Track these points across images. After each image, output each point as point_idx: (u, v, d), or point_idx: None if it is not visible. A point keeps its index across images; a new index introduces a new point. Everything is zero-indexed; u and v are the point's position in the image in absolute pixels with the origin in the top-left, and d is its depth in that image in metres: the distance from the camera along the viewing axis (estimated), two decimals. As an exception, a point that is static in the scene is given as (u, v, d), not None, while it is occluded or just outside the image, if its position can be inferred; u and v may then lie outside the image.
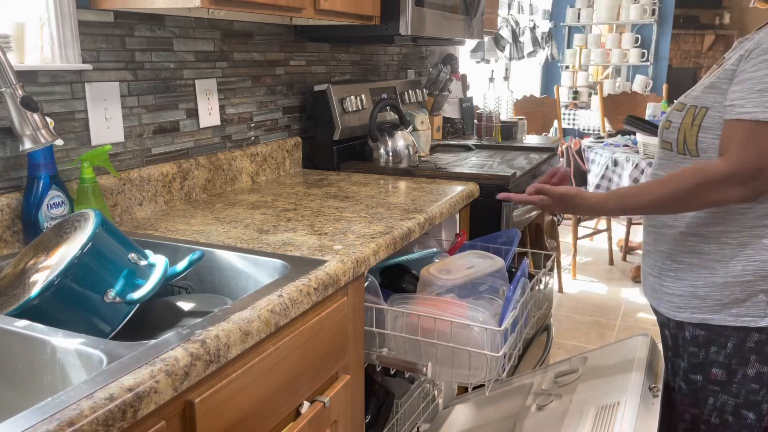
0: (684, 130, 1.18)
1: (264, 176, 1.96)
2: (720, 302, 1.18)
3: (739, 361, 1.19)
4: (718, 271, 1.17)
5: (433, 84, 2.82)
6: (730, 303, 1.17)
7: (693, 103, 1.18)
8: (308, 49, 2.17)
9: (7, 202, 1.23)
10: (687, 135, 1.17)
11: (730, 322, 1.17)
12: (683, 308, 1.22)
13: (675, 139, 1.19)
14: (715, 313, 1.18)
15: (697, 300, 1.20)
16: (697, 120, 1.16)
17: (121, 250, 1.04)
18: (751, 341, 1.17)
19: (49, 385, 0.84)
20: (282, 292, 1.00)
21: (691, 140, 1.16)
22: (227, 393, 0.87)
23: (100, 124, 1.43)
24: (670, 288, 1.24)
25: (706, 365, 1.22)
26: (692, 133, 1.16)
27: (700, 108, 1.16)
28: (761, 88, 1.05)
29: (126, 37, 1.48)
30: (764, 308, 1.15)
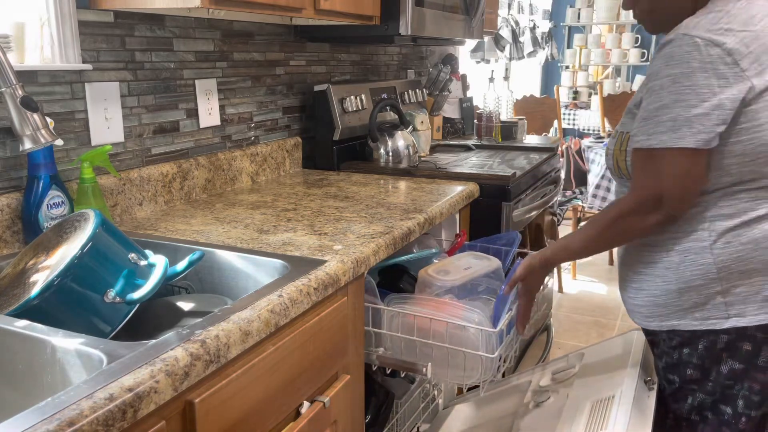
0: (615, 156, 1.21)
1: (264, 176, 1.96)
2: (681, 308, 1.19)
3: (711, 360, 1.20)
4: (671, 278, 1.19)
5: (433, 84, 2.82)
6: (691, 308, 1.18)
7: (620, 129, 1.22)
8: (308, 49, 2.17)
9: (7, 202, 1.23)
10: (618, 160, 1.21)
11: (696, 326, 1.18)
12: (651, 317, 1.23)
13: (611, 164, 1.24)
14: (680, 318, 1.19)
15: (660, 308, 1.21)
16: (623, 145, 1.19)
17: (121, 250, 1.04)
18: (721, 342, 1.18)
19: (49, 385, 0.84)
20: (282, 292, 1.00)
21: (622, 165, 1.20)
22: (227, 393, 0.87)
23: (100, 124, 1.43)
24: (635, 299, 1.26)
25: (680, 366, 1.23)
26: (621, 158, 1.20)
27: (624, 133, 1.20)
28: (645, 116, 1.10)
29: (126, 37, 1.48)
30: (725, 309, 1.16)
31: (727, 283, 1.15)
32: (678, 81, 1.06)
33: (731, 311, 1.15)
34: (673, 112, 1.06)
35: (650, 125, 1.09)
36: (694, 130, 1.05)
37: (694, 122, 1.05)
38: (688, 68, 1.05)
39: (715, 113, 1.05)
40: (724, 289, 1.15)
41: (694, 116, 1.05)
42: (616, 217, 1.16)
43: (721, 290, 1.15)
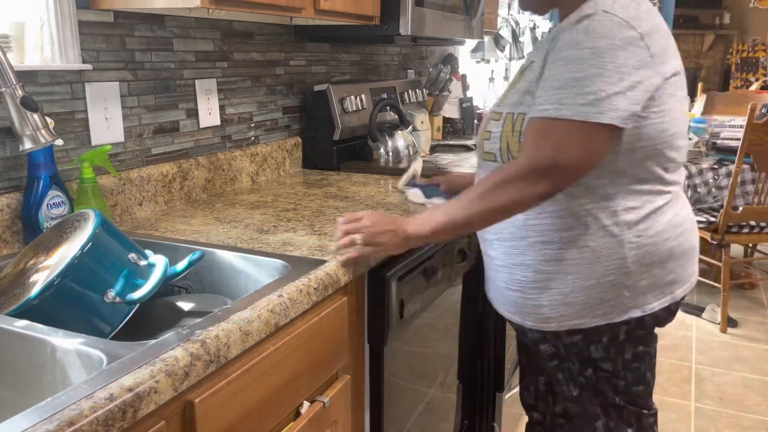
0: (506, 138, 1.17)
1: (264, 176, 1.96)
2: (587, 305, 1.18)
3: (616, 351, 1.23)
4: (583, 274, 1.16)
5: (433, 84, 2.82)
6: (596, 304, 1.17)
7: (510, 111, 1.18)
8: (308, 49, 2.16)
9: (7, 202, 1.23)
10: (510, 142, 1.16)
11: (598, 322, 1.19)
12: (552, 318, 1.21)
13: (498, 148, 1.18)
14: (583, 317, 1.19)
15: (565, 307, 1.19)
16: (516, 126, 1.15)
17: (121, 250, 1.04)
18: (622, 333, 1.21)
19: (49, 385, 0.84)
20: (282, 292, 1.00)
21: (513, 147, 1.15)
22: (227, 393, 0.87)
23: (100, 124, 1.43)
24: (537, 300, 1.21)
25: (591, 361, 1.25)
26: (514, 139, 1.15)
27: (518, 114, 1.16)
28: (559, 85, 1.06)
29: (126, 37, 1.48)
30: (626, 302, 1.18)
31: (635, 277, 1.17)
32: (601, 55, 1.04)
33: (630, 304, 1.18)
34: (595, 86, 1.03)
35: (566, 95, 1.05)
36: (615, 107, 1.03)
37: (615, 99, 1.03)
38: (612, 44, 1.04)
39: (634, 93, 1.05)
40: (632, 283, 1.17)
41: (615, 93, 1.03)
42: (499, 182, 1.09)
43: (629, 284, 1.17)
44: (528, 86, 1.16)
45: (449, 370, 1.78)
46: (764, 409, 2.51)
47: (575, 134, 1.05)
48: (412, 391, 1.55)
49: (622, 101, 1.03)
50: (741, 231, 3.09)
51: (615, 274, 1.16)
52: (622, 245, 1.15)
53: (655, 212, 1.16)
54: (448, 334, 1.75)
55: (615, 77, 1.03)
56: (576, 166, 1.06)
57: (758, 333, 3.18)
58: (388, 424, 1.39)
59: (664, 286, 1.20)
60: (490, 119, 1.22)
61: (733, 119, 3.93)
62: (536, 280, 1.20)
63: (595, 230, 1.15)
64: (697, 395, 2.60)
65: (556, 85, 1.06)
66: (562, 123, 1.05)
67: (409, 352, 1.49)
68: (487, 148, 1.21)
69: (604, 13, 1.06)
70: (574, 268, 1.17)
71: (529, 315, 1.24)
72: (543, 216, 1.17)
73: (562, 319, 1.20)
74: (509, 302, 1.27)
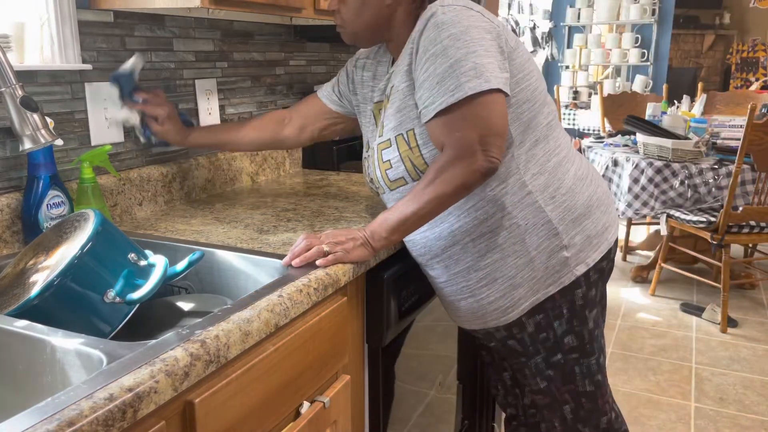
0: (407, 158, 1.19)
1: (264, 176, 1.96)
2: (535, 278, 1.22)
3: (578, 320, 1.26)
4: (520, 252, 1.21)
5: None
6: (543, 275, 1.22)
7: (396, 133, 1.20)
8: (308, 49, 2.17)
9: (7, 202, 1.23)
10: (412, 159, 1.19)
11: (552, 290, 1.23)
12: (511, 307, 1.24)
13: (404, 170, 1.21)
14: (536, 292, 1.23)
15: (516, 290, 1.22)
16: (412, 143, 1.18)
17: (121, 250, 1.04)
18: (577, 298, 1.25)
19: (49, 385, 0.84)
20: (282, 292, 1.00)
21: (419, 161, 1.18)
22: (227, 393, 0.87)
23: (100, 124, 1.43)
24: (490, 296, 1.24)
25: (558, 341, 1.27)
26: (416, 155, 1.18)
27: (406, 132, 1.19)
28: (438, 80, 1.10)
29: (126, 37, 1.48)
30: (570, 262, 1.22)
31: (566, 236, 1.22)
32: (459, 38, 1.10)
33: (573, 262, 1.23)
34: (470, 62, 1.09)
35: (449, 83, 1.09)
36: (495, 74, 1.10)
37: (489, 67, 1.10)
38: (463, 27, 1.11)
39: (499, 61, 1.13)
40: (567, 243, 1.22)
41: (488, 63, 1.10)
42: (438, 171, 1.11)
43: (564, 244, 1.21)
44: (399, 104, 1.20)
45: (449, 371, 1.78)
46: (764, 409, 2.51)
47: (480, 106, 1.10)
48: (412, 392, 1.55)
49: (495, 69, 1.11)
50: (741, 231, 3.09)
51: (548, 239, 1.21)
52: (542, 210, 1.20)
53: (558, 170, 1.23)
54: (447, 334, 1.75)
55: (480, 50, 1.10)
56: (497, 132, 1.11)
57: (758, 333, 3.18)
58: (388, 424, 1.39)
59: (598, 235, 1.26)
60: (381, 149, 1.24)
61: (733, 119, 3.93)
62: (481, 278, 1.23)
63: (513, 206, 1.19)
64: (697, 395, 2.60)
65: (437, 80, 1.11)
66: (463, 103, 1.09)
67: (409, 353, 1.49)
68: (392, 175, 1.23)
69: (443, 6, 1.13)
70: (510, 249, 1.21)
71: (488, 315, 1.26)
72: (463, 216, 1.21)
73: (519, 302, 1.23)
74: (466, 312, 1.29)
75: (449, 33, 1.10)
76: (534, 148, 1.21)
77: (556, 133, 1.26)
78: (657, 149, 3.27)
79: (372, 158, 1.28)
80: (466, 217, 1.21)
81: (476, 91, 1.08)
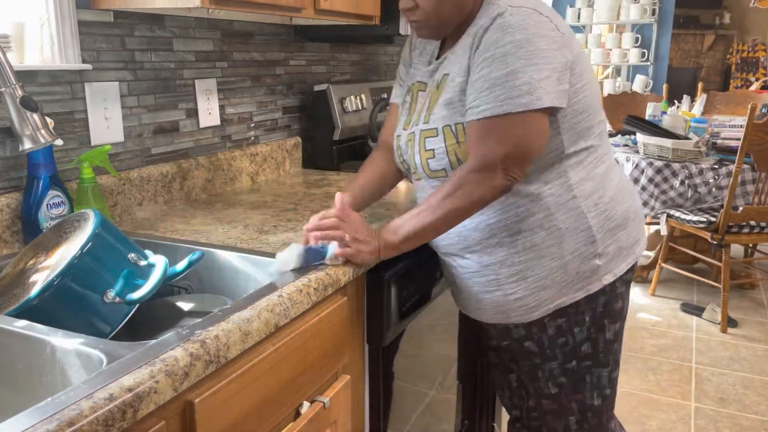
0: (453, 151, 1.17)
1: (264, 176, 1.96)
2: (565, 282, 1.21)
3: (596, 328, 1.26)
4: (556, 254, 1.20)
5: (433, 84, 2.82)
6: (573, 279, 1.22)
7: (445, 123, 1.18)
8: (308, 49, 2.16)
9: (7, 202, 1.23)
10: (458, 153, 1.17)
11: (578, 296, 1.23)
12: (536, 306, 1.24)
13: (447, 163, 1.19)
14: (563, 295, 1.22)
15: (545, 291, 1.22)
16: (460, 136, 1.17)
17: (121, 250, 1.04)
18: (599, 306, 1.25)
19: (48, 385, 0.84)
20: (282, 292, 1.00)
21: (464, 156, 1.16)
22: (227, 393, 0.87)
23: (99, 124, 1.43)
24: (517, 293, 1.23)
25: (576, 348, 1.27)
26: (463, 150, 1.17)
27: (455, 125, 1.17)
28: (490, 85, 1.09)
29: (126, 37, 1.48)
30: (600, 271, 1.22)
31: (602, 244, 1.22)
32: (522, 46, 1.08)
33: (602, 271, 1.23)
34: (526, 76, 1.07)
35: (501, 91, 1.08)
36: (549, 90, 1.09)
37: (546, 83, 1.08)
38: (528, 34, 1.08)
39: (560, 73, 1.11)
40: (602, 251, 1.22)
41: (546, 77, 1.08)
42: (458, 184, 1.12)
43: (599, 252, 1.21)
44: (452, 97, 1.18)
45: (449, 371, 1.78)
46: (764, 409, 2.51)
47: (520, 124, 1.10)
48: (412, 392, 1.55)
49: (552, 83, 1.09)
50: (741, 231, 3.09)
51: (585, 245, 1.21)
52: (584, 216, 1.20)
53: (605, 178, 1.23)
54: (447, 334, 1.75)
55: (540, 63, 1.08)
56: (524, 153, 1.12)
57: (758, 333, 3.18)
58: (388, 424, 1.39)
59: (629, 247, 1.27)
60: (425, 137, 1.21)
61: (733, 119, 3.93)
62: (512, 274, 1.23)
63: (556, 208, 1.19)
64: (697, 395, 2.60)
65: (488, 85, 1.09)
66: (506, 117, 1.09)
67: (409, 353, 1.49)
68: (434, 166, 1.21)
69: (512, 8, 1.10)
70: (547, 251, 1.20)
71: (512, 310, 1.26)
72: (503, 211, 1.20)
73: (545, 303, 1.23)
74: (489, 305, 1.28)
75: (513, 39, 1.08)
76: (584, 154, 1.20)
77: (605, 141, 1.26)
78: (657, 149, 3.27)
79: (412, 143, 1.25)
80: (506, 212, 1.20)
81: (523, 109, 1.08)
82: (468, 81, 1.14)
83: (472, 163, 1.12)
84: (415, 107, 1.29)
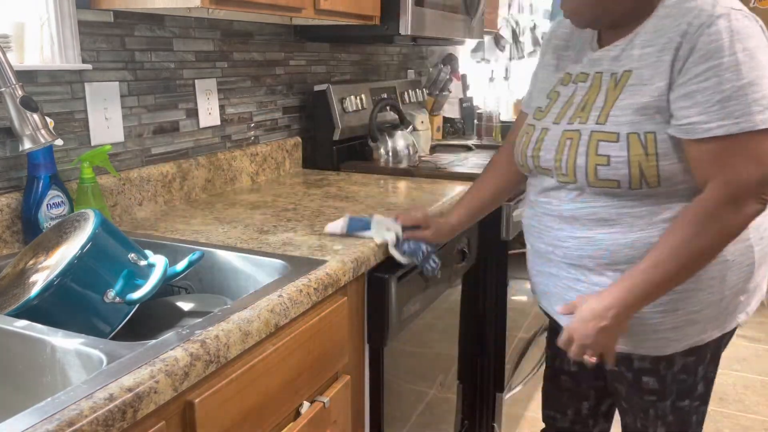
0: (638, 162, 1.02)
1: (264, 176, 1.96)
2: (713, 318, 1.10)
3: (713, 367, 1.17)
4: (715, 288, 1.08)
5: (433, 84, 2.82)
6: (720, 317, 1.10)
7: (631, 130, 1.03)
8: (308, 49, 2.16)
9: (7, 202, 1.23)
10: (644, 167, 1.02)
11: (715, 335, 1.12)
12: (675, 341, 1.11)
13: (626, 174, 1.03)
14: (704, 332, 1.11)
15: (691, 326, 1.10)
16: (650, 148, 1.02)
17: (121, 250, 1.04)
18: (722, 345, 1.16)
19: (48, 385, 0.84)
20: (282, 292, 1.00)
21: (650, 172, 1.02)
22: (227, 393, 0.87)
23: (99, 124, 1.43)
24: (661, 325, 1.10)
25: (693, 387, 1.16)
26: (651, 163, 1.02)
27: (644, 134, 1.03)
28: (720, 98, 0.96)
29: (126, 37, 1.48)
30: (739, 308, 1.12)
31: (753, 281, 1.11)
32: (754, 56, 0.96)
33: (741, 308, 1.12)
34: (763, 89, 0.95)
35: (733, 107, 0.95)
36: None
37: None
38: (758, 42, 0.98)
39: None
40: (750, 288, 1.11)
41: None
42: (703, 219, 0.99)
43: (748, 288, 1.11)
44: (648, 102, 1.03)
45: (449, 371, 1.79)
46: (764, 409, 2.51)
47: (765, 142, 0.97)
48: (412, 392, 1.55)
49: None
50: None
51: (744, 281, 1.09)
52: (751, 249, 1.09)
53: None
54: (447, 334, 1.75)
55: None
56: None
57: (758, 333, 3.18)
58: (388, 424, 1.39)
59: (762, 285, 1.15)
60: (598, 140, 1.05)
61: None
62: (662, 303, 1.07)
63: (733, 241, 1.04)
64: (697, 395, 2.60)
65: (718, 98, 0.96)
66: (748, 136, 0.96)
67: (409, 353, 1.49)
68: (604, 174, 1.05)
69: (735, 10, 0.98)
70: (707, 283, 1.07)
71: (647, 342, 1.12)
72: None
73: (686, 338, 1.10)
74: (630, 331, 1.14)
75: (744, 46, 0.95)
76: None
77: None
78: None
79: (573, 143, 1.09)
80: None
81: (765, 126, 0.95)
82: (672, 87, 1.01)
83: (716, 191, 0.98)
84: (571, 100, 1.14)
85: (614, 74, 1.08)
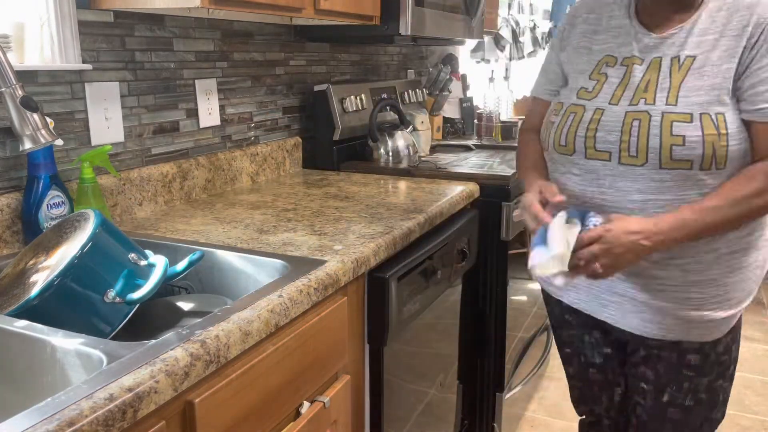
0: (711, 143, 1.05)
1: (264, 176, 1.96)
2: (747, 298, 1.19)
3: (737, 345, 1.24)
4: (757, 273, 1.16)
5: (433, 84, 2.82)
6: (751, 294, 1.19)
7: (703, 111, 1.06)
8: (308, 49, 2.16)
9: (7, 202, 1.23)
10: (716, 146, 1.05)
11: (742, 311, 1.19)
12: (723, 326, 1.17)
13: (700, 154, 1.06)
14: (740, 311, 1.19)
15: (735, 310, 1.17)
16: (721, 128, 1.05)
17: (121, 250, 1.04)
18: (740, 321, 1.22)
19: (49, 385, 0.84)
20: (282, 292, 1.00)
21: (721, 151, 1.06)
22: (227, 393, 0.87)
23: (100, 124, 1.43)
24: (712, 314, 1.14)
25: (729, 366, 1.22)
26: (722, 143, 1.05)
27: (715, 115, 1.06)
28: None
29: (126, 37, 1.48)
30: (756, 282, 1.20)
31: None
32: None
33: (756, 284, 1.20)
34: None
35: None
36: None
37: None
38: None
39: None
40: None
41: None
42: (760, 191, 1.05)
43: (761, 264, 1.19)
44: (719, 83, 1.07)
45: (449, 371, 1.79)
46: (764, 409, 2.51)
47: None
48: (412, 391, 1.55)
49: None
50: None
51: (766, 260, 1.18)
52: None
53: None
54: (448, 334, 1.75)
55: None
56: None
57: (758, 333, 3.18)
58: (388, 424, 1.39)
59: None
60: (672, 121, 1.08)
61: None
62: (717, 295, 1.13)
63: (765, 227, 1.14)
64: (697, 395, 2.60)
65: None
66: None
67: (409, 352, 1.49)
68: (679, 154, 1.07)
69: None
70: (753, 272, 1.15)
71: (696, 329, 1.16)
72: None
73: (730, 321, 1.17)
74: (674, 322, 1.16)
75: None
76: None
77: None
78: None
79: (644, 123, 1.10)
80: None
81: None
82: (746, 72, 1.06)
83: None
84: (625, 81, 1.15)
85: (674, 58, 1.11)
